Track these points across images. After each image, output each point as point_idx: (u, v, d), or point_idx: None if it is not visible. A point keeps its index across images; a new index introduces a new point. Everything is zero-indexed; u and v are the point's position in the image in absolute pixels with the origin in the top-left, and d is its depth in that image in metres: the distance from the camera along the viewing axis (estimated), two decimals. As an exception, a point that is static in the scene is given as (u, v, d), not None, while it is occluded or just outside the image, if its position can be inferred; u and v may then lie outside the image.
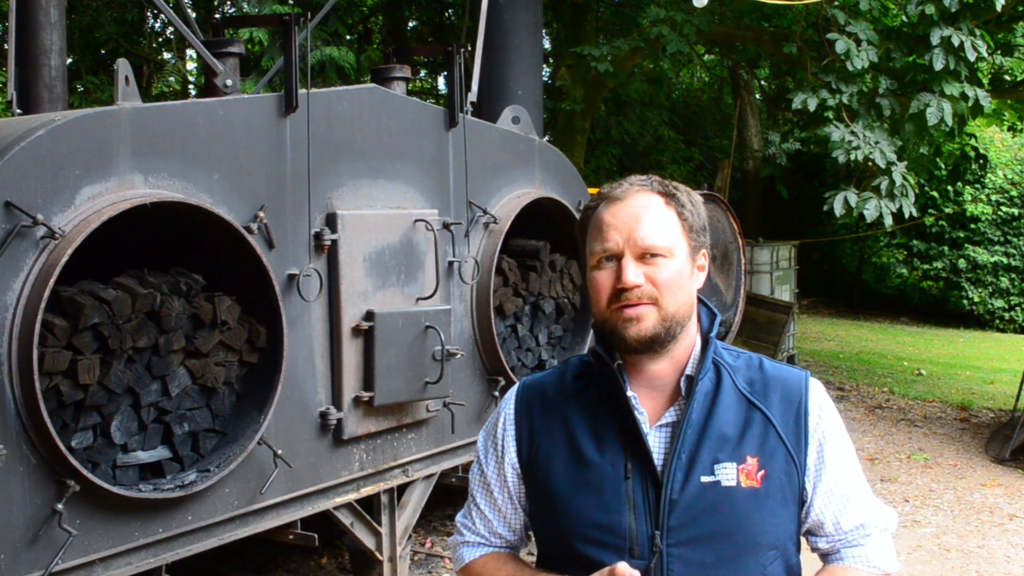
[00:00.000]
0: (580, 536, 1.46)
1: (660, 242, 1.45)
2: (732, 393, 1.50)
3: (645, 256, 1.45)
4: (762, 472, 1.45)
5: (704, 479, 1.44)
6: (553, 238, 5.20)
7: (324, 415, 3.73)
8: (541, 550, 1.59)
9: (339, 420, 3.76)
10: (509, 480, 1.59)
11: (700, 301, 1.56)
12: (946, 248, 15.31)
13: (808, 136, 10.06)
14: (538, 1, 7.31)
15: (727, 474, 1.44)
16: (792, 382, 1.53)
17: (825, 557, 1.58)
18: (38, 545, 2.80)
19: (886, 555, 1.56)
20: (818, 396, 1.53)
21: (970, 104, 7.00)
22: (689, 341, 1.52)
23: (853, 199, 7.07)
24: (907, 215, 7.26)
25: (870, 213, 7.01)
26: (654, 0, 8.60)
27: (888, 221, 7.08)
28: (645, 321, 1.44)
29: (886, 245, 16.16)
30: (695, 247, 1.51)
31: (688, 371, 1.51)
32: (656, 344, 1.47)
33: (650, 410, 1.50)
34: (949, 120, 6.88)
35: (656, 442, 1.48)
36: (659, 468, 1.45)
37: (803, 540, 1.58)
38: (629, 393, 1.48)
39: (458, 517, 1.71)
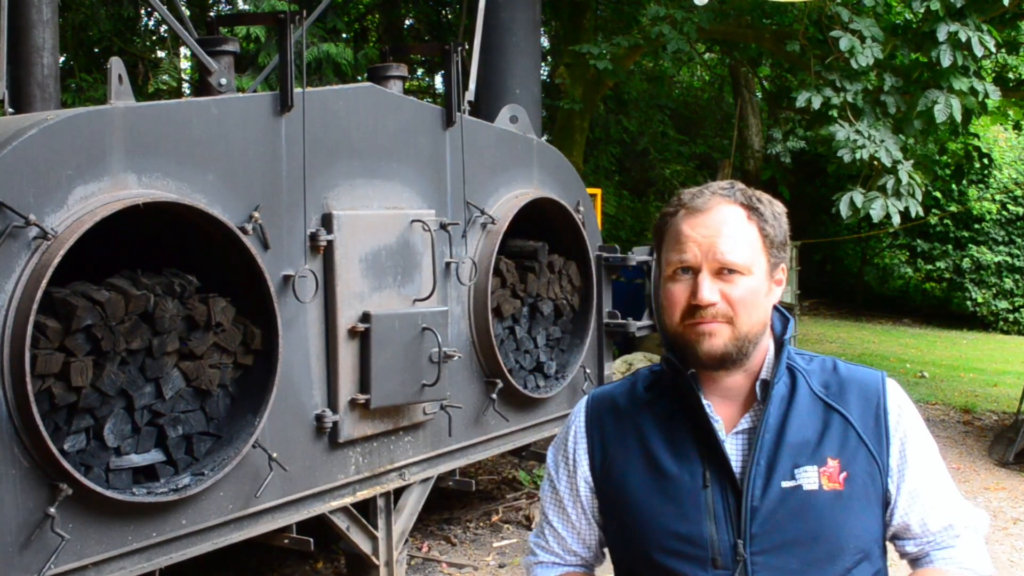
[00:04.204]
0: (660, 547, 1.44)
1: (739, 259, 1.42)
2: (808, 396, 1.47)
3: (723, 272, 1.42)
4: (844, 474, 1.42)
5: (785, 484, 1.41)
6: (551, 238, 5.16)
7: (320, 418, 3.70)
8: (618, 564, 1.56)
9: (335, 423, 3.73)
10: (582, 494, 1.56)
11: (774, 307, 1.53)
12: (950, 248, 15.25)
13: (812, 135, 10.02)
14: (536, -1, 7.27)
15: (808, 478, 1.41)
16: (869, 382, 1.50)
17: (914, 563, 1.53)
18: (30, 549, 2.77)
19: (980, 557, 1.51)
20: (897, 395, 1.51)
21: (979, 99, 6.95)
22: (762, 350, 1.49)
23: (859, 199, 7.02)
24: (914, 214, 7.21)
25: (876, 213, 6.95)
26: (654, -2, 8.56)
27: (896, 220, 7.02)
28: (717, 337, 1.42)
29: (889, 246, 16.11)
30: (774, 263, 1.48)
31: (762, 376, 1.48)
32: (727, 362, 1.44)
33: (725, 417, 1.48)
34: (958, 116, 6.83)
35: (733, 449, 1.45)
36: (738, 475, 1.43)
37: (891, 547, 1.53)
38: (704, 401, 1.46)
39: (530, 537, 1.68)
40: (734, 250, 1.42)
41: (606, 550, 1.62)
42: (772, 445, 1.43)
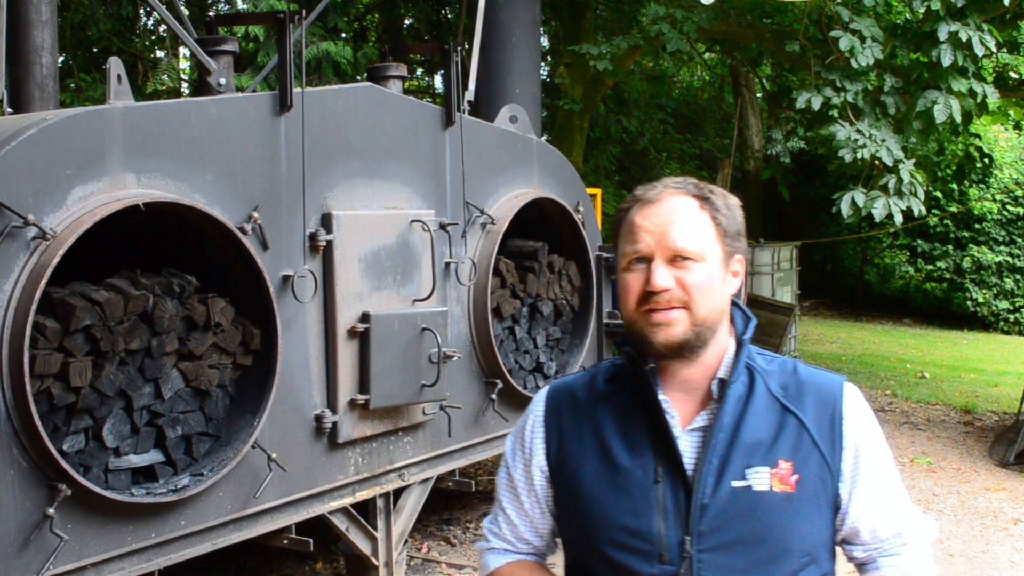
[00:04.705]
0: (609, 540, 1.45)
1: (691, 245, 1.43)
2: (765, 397, 1.48)
3: (676, 259, 1.43)
4: (796, 477, 1.43)
5: (735, 484, 1.42)
6: (551, 239, 5.16)
7: (319, 418, 3.69)
8: (568, 555, 1.57)
9: (334, 423, 3.73)
10: (537, 483, 1.57)
11: (734, 304, 1.54)
12: (950, 248, 15.24)
13: (812, 135, 10.00)
14: (536, -2, 7.27)
15: (759, 479, 1.42)
16: (827, 387, 1.51)
17: (861, 567, 1.55)
18: (29, 550, 2.77)
19: (925, 566, 1.52)
20: (854, 401, 1.51)
21: (978, 100, 6.94)
22: (721, 345, 1.50)
23: (861, 199, 7.00)
24: (916, 213, 7.20)
25: (878, 212, 6.93)
26: (654, -3, 8.55)
27: (898, 219, 7.01)
28: (675, 327, 1.42)
29: (889, 246, 16.10)
30: (729, 252, 1.48)
31: (720, 374, 1.48)
32: (685, 350, 1.45)
33: (682, 414, 1.48)
34: (958, 116, 6.82)
35: (687, 446, 1.46)
36: (690, 472, 1.43)
37: (840, 551, 1.54)
38: (661, 396, 1.47)
39: (485, 522, 1.69)
40: (686, 237, 1.43)
41: (559, 539, 1.62)
42: (726, 444, 1.44)
